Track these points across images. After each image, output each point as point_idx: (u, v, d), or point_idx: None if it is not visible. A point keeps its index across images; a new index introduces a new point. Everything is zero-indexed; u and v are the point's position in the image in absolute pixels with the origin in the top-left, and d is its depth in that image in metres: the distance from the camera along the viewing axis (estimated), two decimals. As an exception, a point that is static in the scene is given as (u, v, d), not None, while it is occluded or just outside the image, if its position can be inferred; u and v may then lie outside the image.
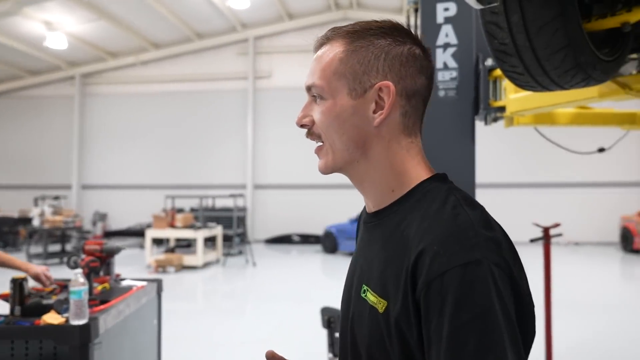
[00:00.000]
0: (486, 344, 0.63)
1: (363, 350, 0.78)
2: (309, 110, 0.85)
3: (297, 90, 15.52)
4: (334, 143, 0.82)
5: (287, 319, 6.24)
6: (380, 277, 0.76)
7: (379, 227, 0.82)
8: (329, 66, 0.82)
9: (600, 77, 1.64)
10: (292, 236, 15.13)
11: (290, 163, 15.56)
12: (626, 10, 1.59)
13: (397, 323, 0.71)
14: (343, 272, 5.90)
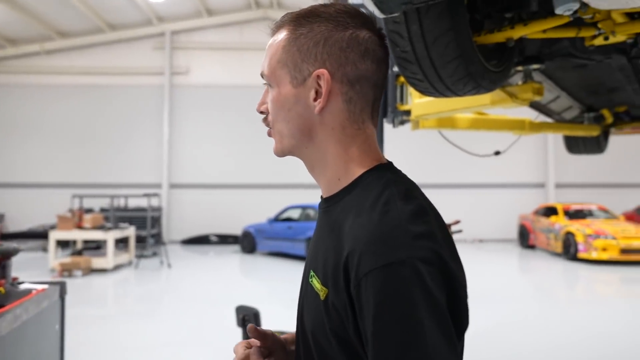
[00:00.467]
0: (408, 342, 0.63)
1: (309, 333, 0.79)
2: (266, 98, 0.85)
3: (216, 88, 15.41)
4: (282, 130, 0.83)
5: (204, 320, 6.13)
6: (323, 265, 0.77)
7: (328, 214, 0.82)
8: (274, 55, 0.82)
9: (489, 86, 1.82)
10: (210, 236, 14.84)
11: (208, 162, 15.25)
12: (510, 27, 1.78)
13: (337, 310, 0.72)
14: (261, 272, 6.08)
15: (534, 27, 1.72)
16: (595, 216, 11.90)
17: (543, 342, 5.23)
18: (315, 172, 0.86)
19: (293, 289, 8.26)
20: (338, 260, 0.72)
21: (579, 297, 8.22)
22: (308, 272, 0.83)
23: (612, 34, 1.66)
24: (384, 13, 1.55)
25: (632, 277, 9.25)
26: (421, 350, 0.63)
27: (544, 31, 1.78)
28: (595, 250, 10.23)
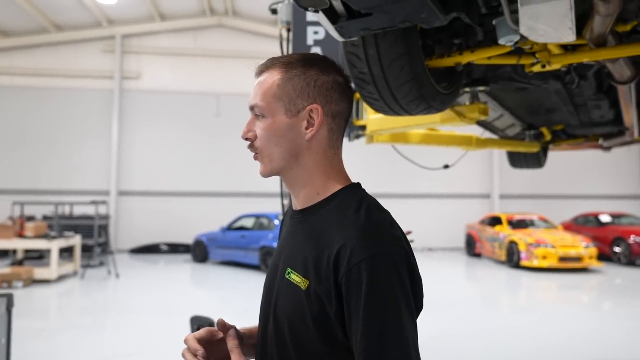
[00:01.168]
0: (389, 315, 0.84)
1: (284, 319, 0.94)
2: (252, 126, 1.01)
3: (168, 94, 15.14)
4: (272, 153, 0.99)
5: (154, 332, 6.00)
6: (303, 262, 0.93)
7: (304, 222, 0.99)
8: (269, 90, 0.99)
9: (439, 106, 1.95)
10: (160, 245, 14.49)
11: (159, 169, 14.92)
12: (459, 53, 1.91)
13: (319, 297, 0.89)
14: (214, 282, 6.06)
15: (480, 54, 1.86)
16: (536, 226, 12.53)
17: (487, 348, 5.47)
18: (295, 188, 1.02)
19: (246, 299, 8.24)
20: (322, 256, 0.90)
21: (521, 303, 8.62)
22: (283, 269, 0.98)
23: (548, 63, 1.83)
24: (343, 37, 1.64)
25: (569, 284, 9.80)
26: (397, 319, 0.84)
27: (488, 58, 1.92)
28: (536, 259, 10.78)
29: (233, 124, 15.37)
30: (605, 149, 4.27)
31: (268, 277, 1.06)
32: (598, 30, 1.56)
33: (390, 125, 2.75)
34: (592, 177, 16.80)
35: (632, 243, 11.79)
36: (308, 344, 0.91)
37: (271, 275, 1.04)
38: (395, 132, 3.15)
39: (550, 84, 2.39)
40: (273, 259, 1.08)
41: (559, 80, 2.36)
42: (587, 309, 8.05)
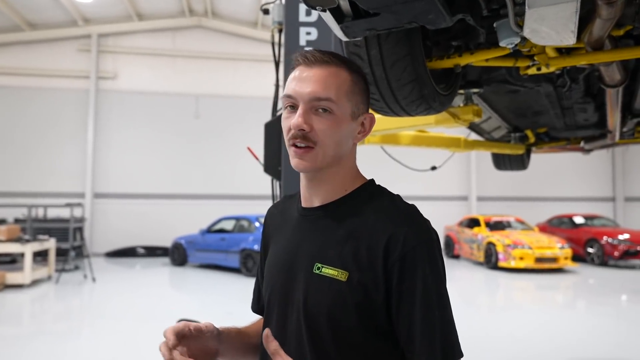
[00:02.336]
0: (442, 292, 0.94)
1: (322, 313, 0.95)
2: (309, 119, 0.98)
3: (146, 95, 14.92)
4: (328, 150, 0.99)
5: (133, 337, 5.88)
6: (339, 255, 0.96)
7: (327, 217, 1.02)
8: (342, 87, 1.00)
9: (439, 107, 1.96)
10: (137, 249, 14.23)
11: (136, 171, 14.66)
12: (458, 54, 1.93)
13: (364, 287, 0.93)
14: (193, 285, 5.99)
15: (479, 56, 1.89)
16: (513, 227, 12.77)
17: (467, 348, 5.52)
18: (325, 182, 1.03)
19: (227, 302, 8.15)
20: (363, 247, 0.94)
21: (500, 303, 8.76)
22: (309, 265, 0.99)
23: (546, 66, 1.86)
24: (348, 37, 1.63)
25: (544, 284, 10.00)
26: (447, 298, 0.96)
27: (486, 60, 1.95)
28: (513, 259, 10.97)
29: (212, 125, 15.26)
30: (586, 152, 4.38)
31: (280, 275, 1.04)
32: (597, 33, 1.60)
33: (383, 127, 2.77)
34: (567, 180, 17.21)
35: (605, 244, 12.12)
36: (349, 335, 0.94)
37: (286, 272, 1.03)
38: (386, 134, 3.17)
39: (542, 86, 2.44)
40: (279, 257, 1.07)
41: (551, 83, 2.42)
42: (563, 309, 8.23)
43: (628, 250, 11.81)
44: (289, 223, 1.10)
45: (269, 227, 1.18)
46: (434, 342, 0.91)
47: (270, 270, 1.09)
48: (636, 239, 11.98)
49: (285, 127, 1.01)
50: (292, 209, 1.13)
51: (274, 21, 3.14)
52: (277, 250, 1.10)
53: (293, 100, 1.00)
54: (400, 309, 0.93)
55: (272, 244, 1.14)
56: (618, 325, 6.75)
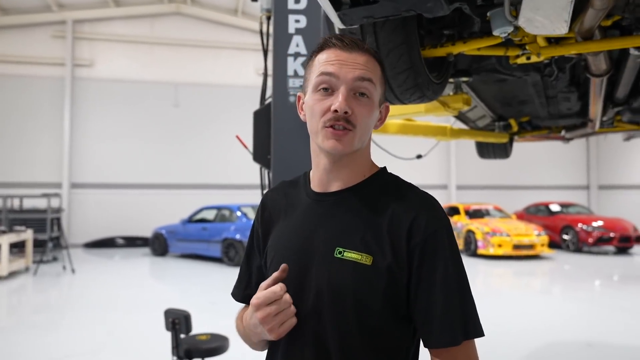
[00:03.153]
0: (462, 274, 0.98)
1: (348, 296, 0.97)
2: (350, 103, 0.99)
3: (124, 83, 14.63)
4: (364, 134, 1.03)
5: (116, 328, 5.82)
6: (361, 240, 0.98)
7: (346, 202, 1.04)
8: (377, 74, 1.04)
9: (431, 96, 1.98)
10: (116, 239, 14.05)
11: (114, 160, 14.42)
12: (451, 43, 1.95)
13: (389, 268, 0.96)
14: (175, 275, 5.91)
15: (472, 45, 1.91)
16: (491, 215, 12.99)
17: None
18: (345, 168, 1.05)
19: (210, 291, 8.13)
20: (384, 230, 0.98)
21: (480, 290, 8.93)
22: (329, 249, 1.00)
23: (537, 55, 1.89)
24: (345, 25, 1.63)
25: (522, 271, 10.24)
26: (465, 277, 0.99)
27: (478, 49, 1.97)
28: (492, 247, 11.19)
29: (192, 114, 15.07)
30: (566, 141, 4.48)
31: (294, 260, 1.02)
32: (589, 23, 1.63)
33: (373, 115, 2.77)
34: (543, 169, 17.57)
35: (580, 231, 12.44)
36: (373, 317, 0.96)
37: (301, 258, 1.02)
38: (375, 122, 3.18)
39: (530, 75, 2.49)
40: (291, 242, 1.05)
41: (538, 72, 2.46)
42: (540, 294, 8.45)
43: (601, 237, 12.16)
44: (298, 208, 1.09)
45: (270, 212, 1.16)
46: (453, 321, 0.93)
47: (279, 256, 1.07)
48: (609, 226, 12.33)
49: (321, 109, 1.00)
50: (298, 193, 1.12)
51: (263, 8, 3.12)
52: (285, 235, 1.09)
53: (333, 80, 0.99)
54: (419, 291, 0.95)
55: (275, 230, 1.13)
56: (592, 309, 6.97)
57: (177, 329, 3.44)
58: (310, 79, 1.05)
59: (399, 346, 0.99)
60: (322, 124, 1.00)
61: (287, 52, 2.93)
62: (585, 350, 4.94)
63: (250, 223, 10.70)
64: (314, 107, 1.02)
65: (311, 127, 1.04)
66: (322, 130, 1.00)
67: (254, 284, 1.18)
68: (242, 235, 10.48)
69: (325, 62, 1.01)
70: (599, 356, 4.79)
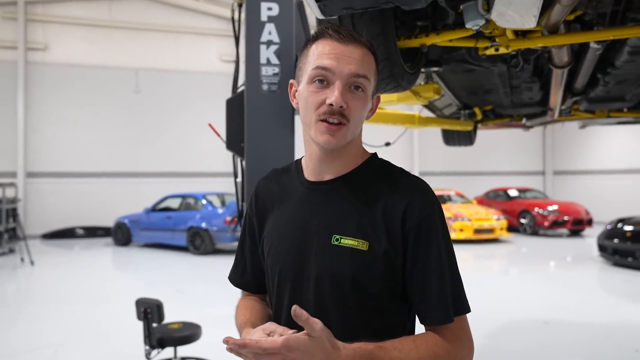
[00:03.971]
0: (452, 254, 1.03)
1: (347, 281, 1.00)
2: (345, 96, 1.00)
3: (82, 68, 14.13)
4: (357, 126, 1.04)
5: (81, 320, 5.71)
6: (357, 225, 1.01)
7: (340, 190, 1.06)
8: (371, 67, 1.04)
9: (406, 85, 2.04)
10: (76, 229, 13.66)
11: (72, 149, 13.95)
12: (424, 34, 2.01)
13: (386, 253, 0.99)
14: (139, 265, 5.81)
15: (445, 36, 1.97)
16: (453, 201, 13.35)
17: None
18: (338, 158, 1.07)
19: (176, 280, 8.06)
20: (379, 215, 1.01)
21: (442, 273, 9.22)
22: (326, 237, 1.03)
23: (506, 47, 1.98)
24: (324, 15, 1.66)
25: (482, 254, 10.61)
26: (454, 257, 1.05)
27: (450, 40, 2.04)
28: (454, 231, 11.52)
29: (154, 100, 14.72)
30: (527, 128, 4.66)
31: (291, 250, 1.06)
32: (555, 18, 1.72)
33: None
34: (502, 155, 18.13)
35: (536, 215, 12.96)
36: (372, 300, 1.01)
37: (298, 247, 1.05)
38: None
39: (497, 66, 2.59)
40: (287, 231, 1.08)
41: (505, 63, 2.56)
42: (499, 276, 8.81)
43: (556, 220, 12.71)
44: (292, 197, 1.11)
45: (264, 201, 1.17)
46: (447, 299, 0.99)
47: (276, 246, 1.09)
48: (563, 210, 12.90)
49: (316, 102, 1.00)
50: (291, 182, 1.13)
51: (234, -5, 3.09)
52: (281, 225, 1.11)
53: (327, 74, 1.00)
54: (415, 272, 1.00)
55: (270, 219, 1.14)
56: (547, 288, 7.32)
57: (149, 319, 3.42)
58: (305, 69, 1.04)
59: (397, 324, 1.04)
60: (317, 117, 1.01)
61: (260, 40, 2.93)
62: (542, 328, 5.21)
63: (216, 211, 10.63)
64: (308, 99, 1.02)
65: (305, 119, 1.05)
66: (316, 123, 1.01)
67: (249, 270, 1.21)
68: (207, 223, 10.40)
69: (321, 55, 1.01)
70: (555, 333, 5.06)
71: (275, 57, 2.96)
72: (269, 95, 2.97)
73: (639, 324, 5.40)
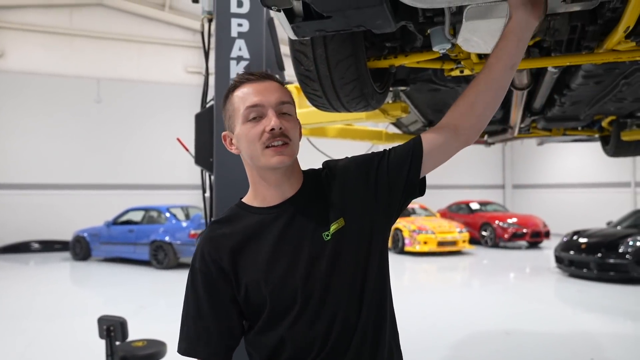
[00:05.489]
0: None
1: (350, 262, 1.15)
2: (280, 120, 1.12)
3: (40, 76, 13.74)
4: (296, 144, 1.16)
5: (38, 337, 5.49)
6: (332, 215, 1.16)
7: (303, 199, 1.18)
8: (292, 98, 1.19)
9: (375, 105, 2.10)
10: (31, 243, 13.13)
11: (27, 159, 13.46)
12: (393, 56, 2.08)
13: (363, 215, 1.18)
14: (99, 280, 5.69)
15: (412, 58, 2.04)
16: (417, 214, 13.58)
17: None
18: (291, 178, 1.18)
19: (137, 295, 7.86)
20: (336, 196, 1.19)
21: (406, 285, 9.33)
22: (316, 241, 1.13)
23: (471, 70, 2.07)
24: (297, 36, 1.70)
25: (445, 266, 10.82)
26: None
27: (418, 62, 2.11)
28: (418, 244, 11.71)
29: (116, 111, 14.41)
30: (488, 145, 4.82)
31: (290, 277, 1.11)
32: (516, 44, 1.81)
33: (316, 120, 2.86)
34: (464, 170, 18.58)
35: (497, 227, 13.33)
36: (382, 253, 1.20)
37: (296, 256, 1.13)
38: (316, 127, 3.27)
39: (462, 86, 2.68)
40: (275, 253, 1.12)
41: (468, 84, 2.66)
42: (462, 287, 8.99)
43: (516, 233, 13.11)
44: (261, 228, 1.15)
45: (226, 247, 1.14)
46: None
47: (274, 271, 1.11)
48: (522, 222, 13.32)
49: (258, 133, 1.11)
50: (249, 219, 1.17)
51: (204, 10, 3.09)
52: (265, 254, 1.13)
53: (260, 108, 1.12)
54: (398, 165, 1.22)
55: (244, 259, 1.13)
56: (507, 299, 7.53)
57: (111, 337, 3.33)
58: (236, 115, 1.14)
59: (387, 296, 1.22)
60: (262, 146, 1.10)
61: (230, 56, 2.94)
62: (504, 338, 5.35)
63: (180, 224, 10.44)
64: (249, 135, 1.12)
65: (251, 154, 1.13)
66: (263, 151, 1.11)
67: (215, 335, 1.14)
68: (171, 237, 10.20)
69: (246, 96, 1.13)
70: (516, 343, 5.21)
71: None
72: (238, 111, 2.97)
73: (594, 333, 5.62)
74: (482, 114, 1.24)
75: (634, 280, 7.89)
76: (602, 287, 7.87)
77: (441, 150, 1.24)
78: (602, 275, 8.09)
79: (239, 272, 1.13)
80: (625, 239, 8.13)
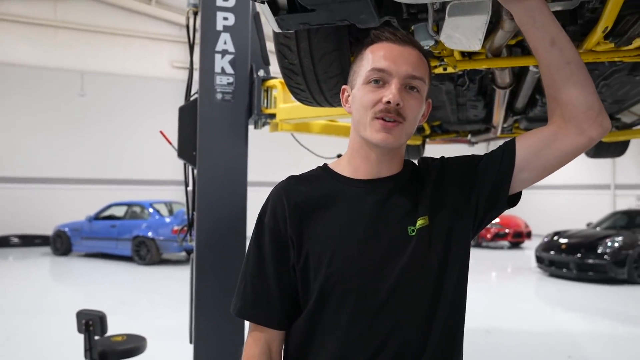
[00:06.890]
0: None
1: (432, 260, 1.03)
2: (402, 95, 1.01)
3: (21, 68, 13.51)
4: (411, 126, 1.05)
5: (17, 333, 5.40)
6: (421, 211, 1.04)
7: (397, 186, 1.07)
8: (426, 71, 1.07)
9: (359, 100, 2.11)
10: (10, 238, 12.92)
11: (7, 152, 13.25)
12: (377, 51, 2.09)
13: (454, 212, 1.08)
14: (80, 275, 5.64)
15: (396, 54, 2.06)
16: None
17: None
18: (394, 160, 1.08)
19: (119, 291, 7.78)
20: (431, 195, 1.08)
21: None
22: (400, 231, 1.02)
23: (454, 67, 2.08)
24: (281, 29, 1.69)
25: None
26: None
27: (401, 58, 2.13)
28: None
29: (100, 105, 14.23)
30: (472, 144, 4.87)
31: (365, 247, 1.01)
32: (498, 42, 1.83)
33: (300, 115, 2.86)
34: (447, 169, 18.77)
35: (479, 227, 13.47)
36: (466, 246, 1.11)
37: (371, 242, 1.01)
38: (300, 122, 3.27)
39: (445, 84, 2.70)
40: (348, 232, 1.02)
41: (452, 82, 2.68)
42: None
43: (498, 233, 13.27)
44: (340, 198, 1.05)
45: (300, 208, 1.04)
46: None
47: (341, 252, 1.00)
48: (505, 223, 13.48)
49: (372, 100, 1.01)
50: (332, 186, 1.07)
51: (190, 3, 3.07)
52: (337, 229, 1.02)
53: (384, 75, 1.01)
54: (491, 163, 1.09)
55: (314, 227, 1.03)
56: (489, 298, 7.62)
57: (90, 331, 3.29)
58: (360, 72, 1.05)
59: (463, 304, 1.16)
60: (372, 115, 1.00)
61: (215, 49, 2.93)
62: (484, 337, 5.41)
63: (163, 220, 10.35)
64: (363, 99, 1.02)
65: (359, 119, 1.04)
66: (372, 121, 1.01)
67: (277, 301, 1.04)
68: (154, 232, 10.12)
69: (377, 57, 1.03)
70: (497, 341, 5.27)
71: (230, 66, 2.97)
72: (222, 105, 2.97)
73: (572, 331, 5.71)
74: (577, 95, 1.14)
75: (612, 281, 8.04)
76: (581, 287, 8.01)
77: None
78: (581, 275, 8.24)
79: (303, 238, 1.02)
80: (604, 240, 8.28)
